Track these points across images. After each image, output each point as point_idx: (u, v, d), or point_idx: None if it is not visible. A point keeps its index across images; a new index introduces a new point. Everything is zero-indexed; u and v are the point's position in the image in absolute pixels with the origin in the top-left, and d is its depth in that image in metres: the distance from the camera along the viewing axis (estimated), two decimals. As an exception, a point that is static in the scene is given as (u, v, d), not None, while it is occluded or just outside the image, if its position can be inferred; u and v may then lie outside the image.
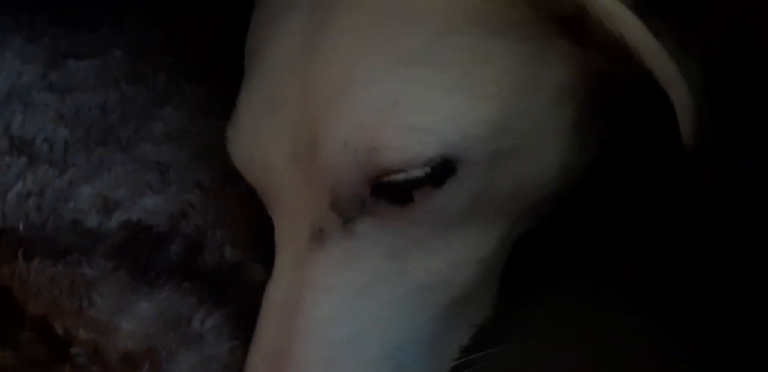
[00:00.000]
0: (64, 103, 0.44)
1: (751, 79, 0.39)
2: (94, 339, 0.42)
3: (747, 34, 0.38)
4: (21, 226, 0.41)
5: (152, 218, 0.43)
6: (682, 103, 0.39)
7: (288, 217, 0.43)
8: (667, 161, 0.42)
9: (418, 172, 0.39)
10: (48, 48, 0.45)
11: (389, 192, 0.40)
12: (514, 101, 0.40)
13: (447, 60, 0.39)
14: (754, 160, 0.41)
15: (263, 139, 0.42)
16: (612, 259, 0.44)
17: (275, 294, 0.42)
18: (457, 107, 0.39)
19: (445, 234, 0.41)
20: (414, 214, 0.40)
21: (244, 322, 0.43)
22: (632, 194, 0.45)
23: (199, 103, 0.48)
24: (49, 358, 0.43)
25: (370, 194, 0.40)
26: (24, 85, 0.44)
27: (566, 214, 0.44)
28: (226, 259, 0.45)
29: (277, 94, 0.42)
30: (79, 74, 0.45)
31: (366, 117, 0.39)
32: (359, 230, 0.41)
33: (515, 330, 0.43)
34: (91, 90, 0.45)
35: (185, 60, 0.48)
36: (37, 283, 0.42)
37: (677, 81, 0.38)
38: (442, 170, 0.40)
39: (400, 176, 0.39)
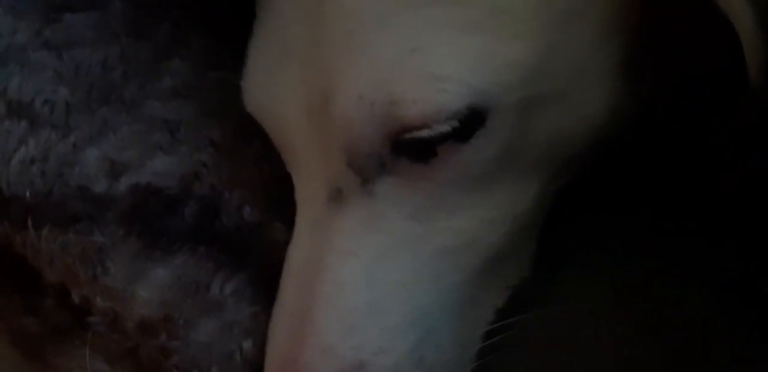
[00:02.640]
0: (62, 61, 0.41)
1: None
2: (111, 307, 0.41)
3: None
4: (27, 194, 0.39)
5: (163, 180, 0.41)
6: (748, 33, 0.34)
7: (305, 176, 0.40)
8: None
9: (444, 127, 0.36)
10: (41, 1, 0.42)
11: (411, 148, 0.37)
12: (551, 39, 0.37)
13: None
14: (758, 156, 0.37)
15: (275, 91, 0.40)
16: (652, 225, 0.41)
17: (295, 258, 0.40)
18: (483, 49, 0.36)
19: (474, 192, 0.39)
20: (438, 172, 0.38)
21: (266, 286, 0.41)
22: (662, 160, 0.42)
23: (207, 55, 0.45)
24: (72, 325, 0.43)
25: (390, 152, 0.37)
26: (18, 45, 0.41)
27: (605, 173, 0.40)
28: (245, 220, 0.43)
29: (288, 43, 0.39)
30: (76, 29, 0.42)
31: (381, 66, 0.36)
32: (379, 190, 0.38)
33: (553, 293, 0.41)
34: (90, 45, 0.42)
35: (190, 8, 0.45)
36: (49, 251, 0.40)
37: (742, 8, 0.34)
38: (470, 123, 0.36)
39: (424, 133, 0.36)
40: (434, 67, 0.36)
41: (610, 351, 0.40)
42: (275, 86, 0.40)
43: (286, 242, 0.41)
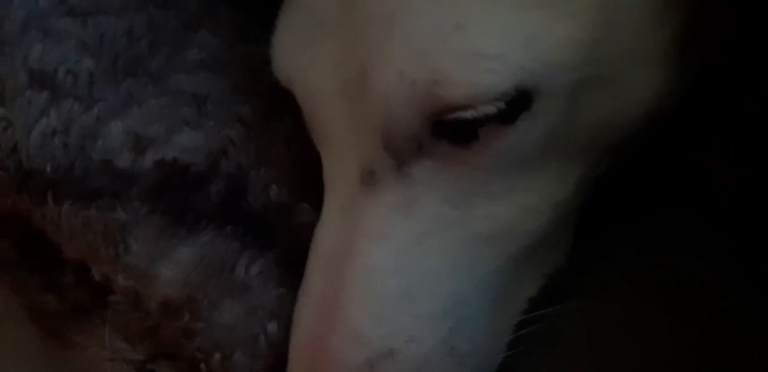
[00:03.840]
0: (87, 29, 0.39)
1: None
2: (133, 286, 0.39)
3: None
4: (48, 168, 0.38)
5: (189, 156, 0.40)
6: None
7: (337, 156, 0.39)
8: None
9: (489, 108, 0.34)
10: (65, -33, 0.41)
11: (452, 130, 0.35)
12: (606, 19, 0.35)
13: None
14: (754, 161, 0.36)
15: (308, 64, 0.38)
16: (689, 221, 0.40)
17: (324, 241, 0.38)
18: (534, 27, 0.34)
19: (515, 178, 0.37)
20: (479, 156, 0.36)
21: (292, 268, 0.40)
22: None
23: (237, 27, 0.43)
24: (91, 303, 0.41)
25: (430, 134, 0.35)
26: (41, 11, 0.40)
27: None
28: (271, 200, 0.41)
29: (323, 13, 0.37)
30: (102, -4, 0.41)
31: (424, 43, 0.34)
32: (415, 173, 0.37)
33: (587, 286, 0.39)
34: (116, 14, 0.40)
35: (220, -22, 0.44)
36: (70, 228, 0.39)
37: None
38: (516, 105, 0.34)
39: (468, 114, 0.34)
40: (481, 45, 0.34)
41: (641, 346, 0.39)
42: (308, 58, 0.38)
43: (313, 224, 0.40)
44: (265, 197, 0.41)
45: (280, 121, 0.42)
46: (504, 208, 0.38)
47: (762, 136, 0.36)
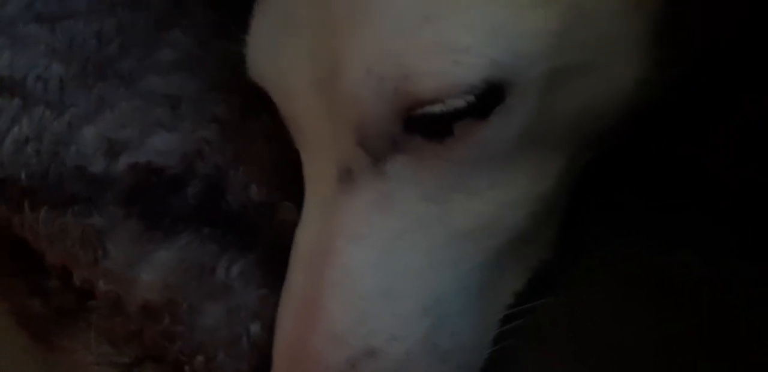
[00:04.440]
0: (55, 34, 0.39)
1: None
2: (113, 290, 0.39)
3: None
4: (22, 175, 0.38)
5: (164, 159, 0.39)
6: None
7: (314, 154, 0.38)
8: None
9: (459, 102, 0.33)
10: (31, -28, 0.40)
11: (424, 126, 0.35)
12: (578, 7, 0.34)
13: None
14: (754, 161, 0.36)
15: (281, 62, 0.37)
16: (678, 213, 0.39)
17: (304, 241, 0.38)
18: (503, 18, 0.33)
19: (493, 172, 0.36)
20: (454, 151, 0.35)
21: (275, 267, 0.40)
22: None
23: (209, 25, 0.42)
24: (76, 307, 0.42)
25: (403, 129, 0.35)
26: (8, 18, 0.39)
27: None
28: (251, 200, 0.41)
29: (293, 10, 0.36)
30: (69, 0, 0.40)
31: (390, 36, 0.33)
32: (391, 170, 0.36)
33: (573, 279, 0.39)
34: (84, 17, 0.40)
35: (190, -25, 0.43)
36: (48, 234, 0.39)
37: None
38: (488, 98, 0.34)
39: (437, 108, 0.33)
40: (448, 37, 0.33)
41: (628, 340, 0.38)
42: (281, 56, 0.37)
43: (296, 222, 0.39)
44: (245, 197, 0.41)
45: (258, 120, 0.42)
46: (484, 203, 0.37)
47: (762, 136, 0.36)
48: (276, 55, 0.38)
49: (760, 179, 0.36)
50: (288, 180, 0.41)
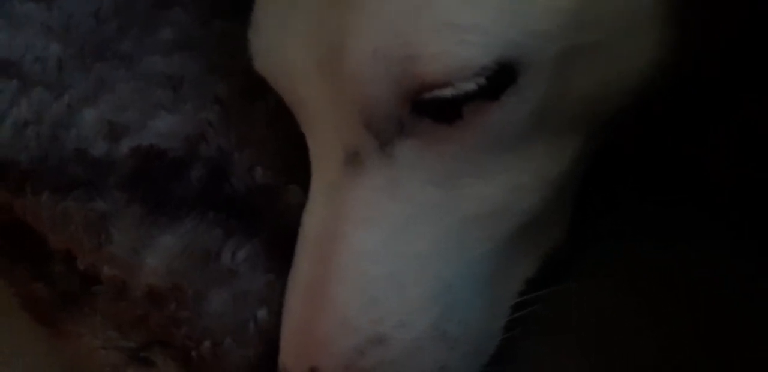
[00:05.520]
0: (52, 13, 0.38)
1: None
2: (118, 275, 0.39)
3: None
4: (22, 159, 0.37)
5: (166, 142, 0.39)
6: None
7: (320, 137, 0.37)
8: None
9: (469, 85, 0.32)
10: (25, -52, 0.39)
11: (433, 109, 0.33)
12: None
13: None
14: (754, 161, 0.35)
15: (285, 44, 0.36)
16: (691, 206, 0.38)
17: (310, 226, 0.37)
18: None
19: (504, 155, 0.35)
20: (464, 134, 0.34)
21: (281, 252, 0.39)
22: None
23: (210, 3, 0.41)
24: (81, 291, 0.41)
25: (410, 112, 0.34)
26: (3, -4, 0.38)
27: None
28: (256, 183, 0.40)
29: None
30: (65, -23, 0.39)
31: (396, 16, 0.32)
32: (399, 154, 0.35)
33: (586, 267, 0.38)
34: (82, -5, 0.39)
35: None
36: (51, 218, 0.38)
37: None
38: (499, 79, 0.33)
39: (447, 92, 0.32)
40: (457, 16, 0.32)
41: (639, 329, 0.38)
42: (283, 38, 0.36)
43: (302, 205, 0.38)
44: (250, 179, 0.40)
45: (262, 101, 0.41)
46: (494, 187, 0.36)
47: (762, 136, 0.35)
48: (279, 39, 0.36)
49: (759, 177, 0.35)
50: (293, 163, 0.40)
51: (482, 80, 0.32)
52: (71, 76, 0.38)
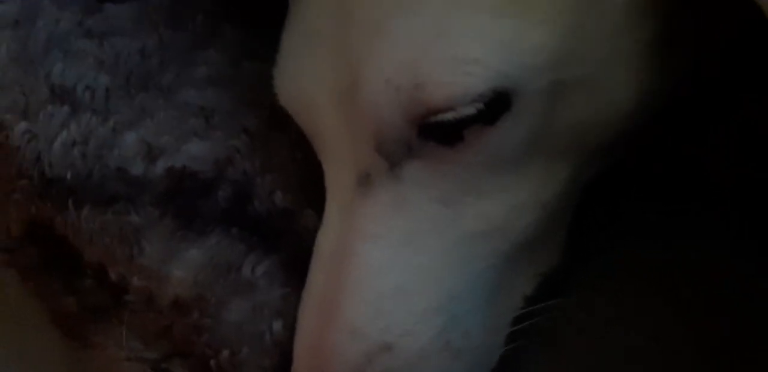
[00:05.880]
0: (103, 49, 0.43)
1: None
2: (146, 286, 0.42)
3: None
4: (68, 175, 0.41)
5: (197, 164, 0.42)
6: None
7: (335, 162, 0.41)
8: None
9: (469, 110, 0.36)
10: (84, -7, 0.44)
11: (437, 132, 0.37)
12: (578, 23, 0.37)
13: None
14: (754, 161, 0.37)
15: (305, 79, 0.40)
16: (688, 216, 0.41)
17: (324, 243, 0.40)
18: (510, 34, 0.36)
19: (502, 176, 0.39)
20: (465, 156, 0.38)
21: (297, 269, 0.42)
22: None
23: (241, 46, 0.46)
24: (110, 304, 0.44)
25: (417, 135, 0.37)
26: (62, 33, 0.43)
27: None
28: (276, 206, 0.44)
29: (317, 30, 0.40)
30: (116, 19, 0.44)
31: (407, 51, 0.36)
32: (407, 174, 0.38)
33: (584, 282, 0.40)
34: (130, 35, 0.44)
35: (225, 0, 0.47)
36: (89, 231, 0.42)
37: None
38: (496, 106, 0.37)
39: (449, 115, 0.36)
40: (460, 51, 0.36)
41: (639, 341, 0.39)
42: (304, 74, 0.40)
43: (317, 229, 0.42)
44: (270, 203, 0.44)
45: (283, 132, 0.45)
46: (493, 206, 0.39)
47: (762, 136, 0.37)
48: (299, 73, 0.41)
49: (759, 177, 0.37)
50: (311, 189, 0.44)
51: (480, 105, 0.36)
52: (116, 103, 0.43)
